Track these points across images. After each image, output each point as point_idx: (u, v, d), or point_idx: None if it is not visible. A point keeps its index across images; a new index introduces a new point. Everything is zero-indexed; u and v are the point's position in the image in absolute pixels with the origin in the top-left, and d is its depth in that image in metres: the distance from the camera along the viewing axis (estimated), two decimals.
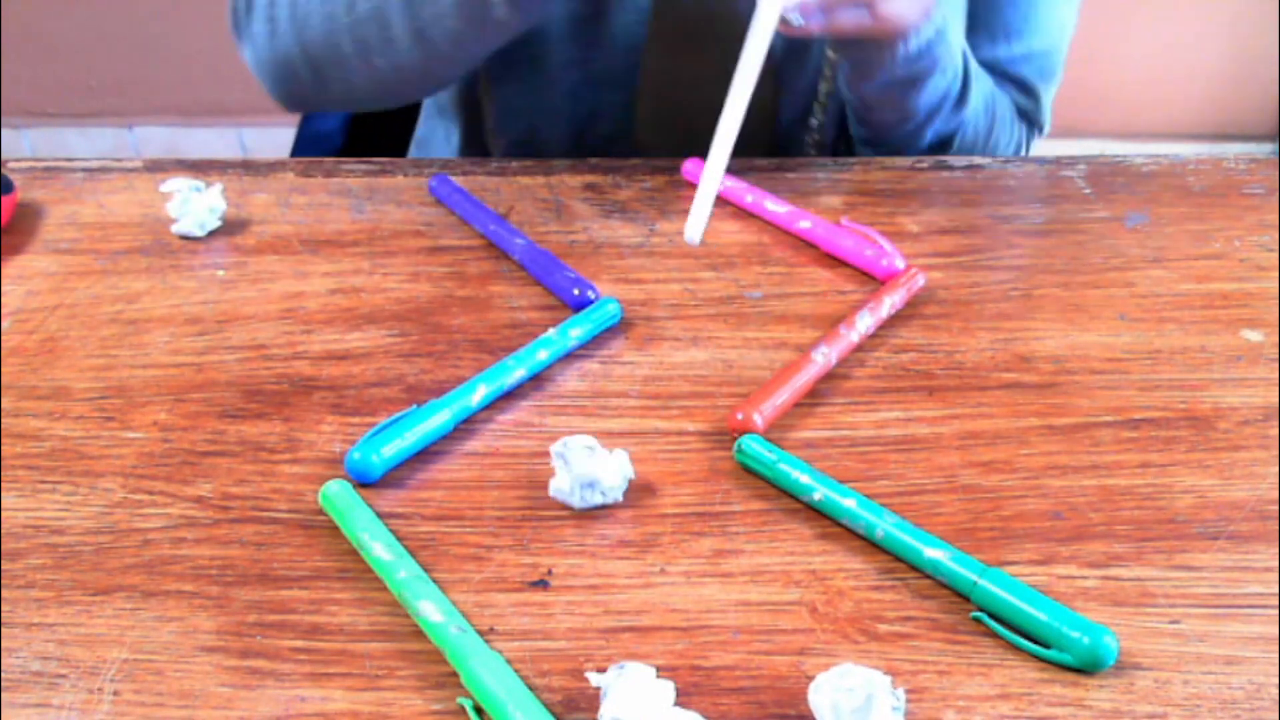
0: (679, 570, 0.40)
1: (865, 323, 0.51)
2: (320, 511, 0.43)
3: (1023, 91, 0.76)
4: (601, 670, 0.35)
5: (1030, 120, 0.78)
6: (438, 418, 0.46)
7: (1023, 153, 0.79)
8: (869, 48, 0.62)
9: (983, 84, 0.71)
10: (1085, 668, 0.36)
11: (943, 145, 0.71)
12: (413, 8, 0.60)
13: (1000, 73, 0.74)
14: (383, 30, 0.61)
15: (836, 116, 0.74)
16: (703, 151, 0.52)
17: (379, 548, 0.40)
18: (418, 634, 0.38)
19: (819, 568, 0.40)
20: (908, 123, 0.68)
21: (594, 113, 0.74)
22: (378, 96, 0.68)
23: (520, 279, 0.56)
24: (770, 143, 0.75)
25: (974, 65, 0.69)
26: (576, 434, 0.43)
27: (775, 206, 0.60)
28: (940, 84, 0.65)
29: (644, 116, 0.75)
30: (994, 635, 0.38)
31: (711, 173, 0.50)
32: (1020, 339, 0.52)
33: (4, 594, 0.40)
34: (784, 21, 0.55)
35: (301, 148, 0.88)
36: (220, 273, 0.57)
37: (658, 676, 0.35)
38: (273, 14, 0.65)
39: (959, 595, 0.39)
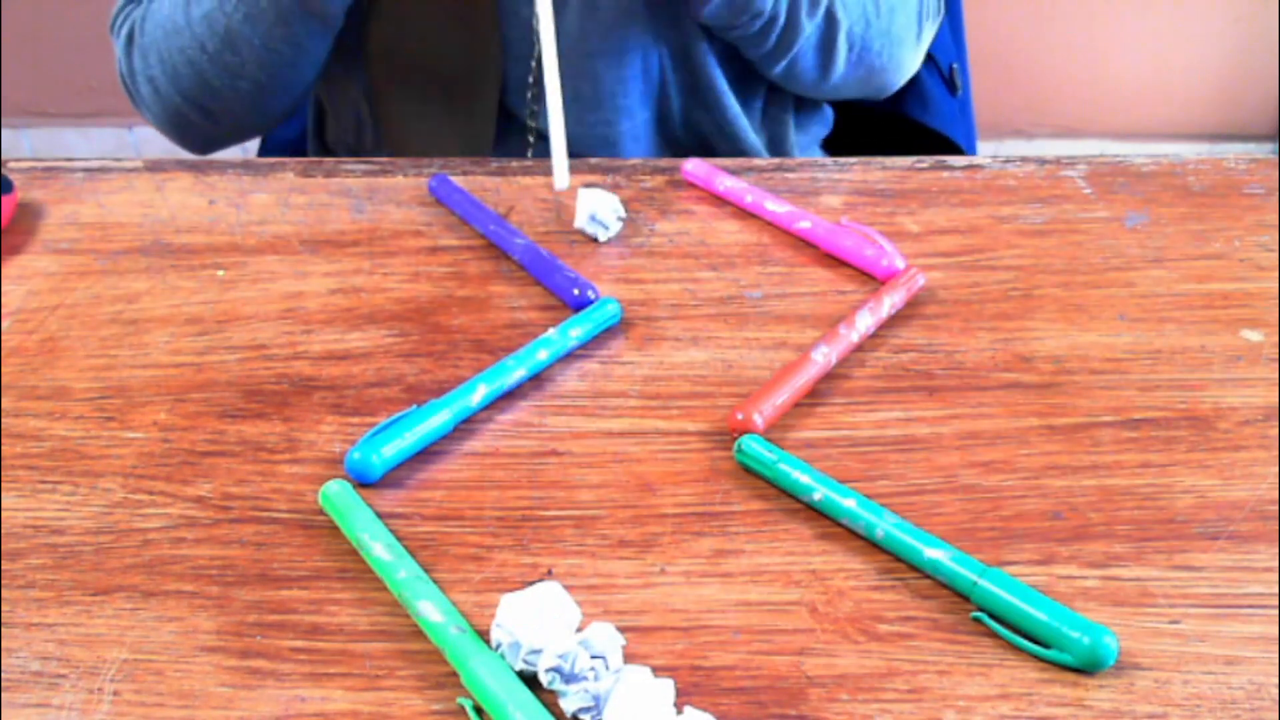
0: (679, 570, 0.40)
1: (865, 323, 0.51)
2: (320, 511, 0.43)
3: None
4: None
5: None
6: (438, 418, 0.46)
7: (939, 17, 0.78)
8: None
9: None
10: (1085, 668, 0.36)
11: (831, 34, 0.70)
12: (249, 24, 0.68)
13: None
14: (236, 53, 0.69)
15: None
16: None
17: (379, 548, 0.40)
18: (418, 634, 0.38)
19: (819, 568, 0.40)
20: (775, 21, 0.68)
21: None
22: (255, 113, 0.75)
23: (520, 279, 0.56)
24: (494, 134, 0.75)
25: None
26: (548, 646, 0.36)
27: (775, 206, 0.60)
28: None
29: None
30: (994, 635, 0.38)
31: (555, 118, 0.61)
32: (1020, 339, 0.52)
33: (4, 594, 0.40)
34: None
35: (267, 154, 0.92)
36: (220, 273, 0.57)
37: (655, 675, 0.35)
38: (150, 75, 0.73)
39: (959, 595, 0.39)
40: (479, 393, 0.47)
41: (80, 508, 0.43)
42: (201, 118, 0.74)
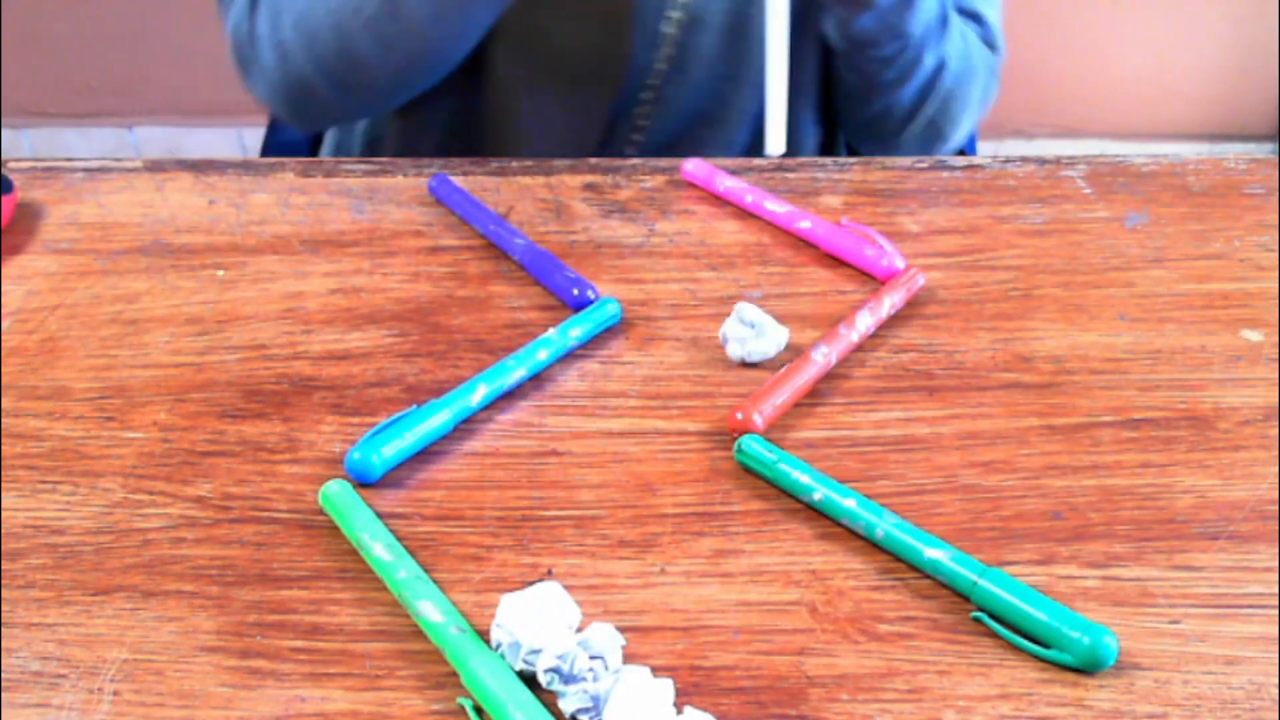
0: (679, 570, 0.40)
1: (865, 323, 0.51)
2: (320, 511, 0.43)
3: (970, 18, 0.76)
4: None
5: (990, 45, 0.78)
6: (438, 418, 0.46)
7: (996, 78, 0.79)
8: None
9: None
10: (1085, 668, 0.36)
11: (935, 80, 0.71)
12: None
13: None
14: (397, 21, 0.62)
15: (661, 121, 0.74)
16: None
17: (379, 548, 0.40)
18: (418, 634, 0.38)
19: (819, 568, 0.40)
20: (906, 50, 0.68)
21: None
22: (391, 92, 0.69)
23: (520, 279, 0.56)
24: (596, 140, 0.74)
25: None
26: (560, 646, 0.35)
27: (775, 206, 0.60)
28: None
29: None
30: (994, 635, 0.38)
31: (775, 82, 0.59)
32: (1020, 339, 0.52)
33: (4, 594, 0.40)
34: None
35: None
36: (220, 273, 0.57)
37: (654, 675, 0.35)
38: (279, 40, 0.66)
39: (959, 595, 0.39)
40: (479, 393, 0.47)
41: (80, 508, 0.43)
42: (332, 92, 0.67)
